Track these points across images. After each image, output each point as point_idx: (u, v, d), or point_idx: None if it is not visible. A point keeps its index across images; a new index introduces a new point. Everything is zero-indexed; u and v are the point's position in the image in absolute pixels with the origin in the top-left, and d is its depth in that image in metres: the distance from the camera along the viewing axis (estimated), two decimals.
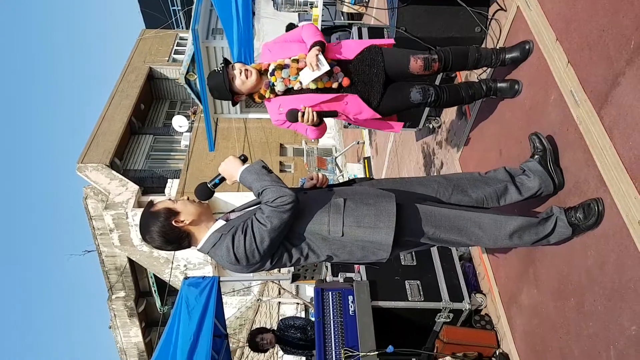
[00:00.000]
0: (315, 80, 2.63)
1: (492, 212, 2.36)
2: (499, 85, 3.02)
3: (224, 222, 2.13)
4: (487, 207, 2.49)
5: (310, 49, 2.62)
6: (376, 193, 2.21)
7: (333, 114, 2.70)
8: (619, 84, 2.10)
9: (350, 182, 2.50)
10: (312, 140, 11.94)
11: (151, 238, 2.08)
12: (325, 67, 2.58)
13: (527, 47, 2.87)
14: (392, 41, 2.99)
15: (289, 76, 2.67)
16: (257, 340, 4.89)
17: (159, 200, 2.17)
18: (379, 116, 2.83)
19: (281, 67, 2.69)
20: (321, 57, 2.58)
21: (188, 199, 2.17)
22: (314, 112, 2.60)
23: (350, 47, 2.81)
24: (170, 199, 2.17)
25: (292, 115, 2.63)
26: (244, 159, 2.21)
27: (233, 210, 2.27)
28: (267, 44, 2.90)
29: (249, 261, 2.04)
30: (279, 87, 2.69)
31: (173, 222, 2.06)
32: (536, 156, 2.52)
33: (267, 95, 2.75)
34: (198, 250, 2.13)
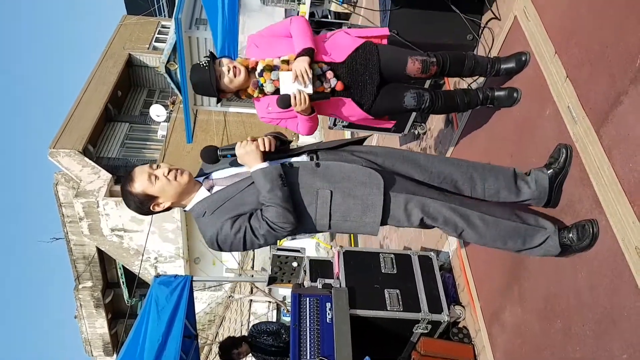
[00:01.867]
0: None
1: (483, 209, 2.24)
2: (496, 93, 2.89)
3: (208, 193, 2.10)
4: (483, 198, 2.37)
5: (298, 55, 2.45)
6: (366, 180, 2.12)
7: (325, 96, 2.52)
8: (621, 103, 2.03)
9: (342, 145, 2.29)
10: (293, 138, 11.82)
11: (131, 209, 2.12)
12: (309, 90, 2.44)
13: (523, 58, 2.79)
14: (386, 30, 2.81)
15: (278, 78, 2.52)
16: (232, 355, 4.76)
17: (138, 176, 2.04)
18: (370, 117, 2.74)
19: (270, 68, 2.53)
20: (309, 74, 2.42)
21: (169, 172, 2.05)
22: (307, 95, 2.41)
23: (342, 46, 2.65)
24: (149, 175, 2.03)
25: (284, 101, 2.43)
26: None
27: (212, 172, 2.20)
28: (253, 37, 2.72)
29: (231, 251, 2.09)
30: (268, 88, 2.55)
31: (150, 207, 2.09)
32: (551, 170, 2.36)
33: (255, 95, 2.61)
34: (186, 212, 2.15)
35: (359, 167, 2.14)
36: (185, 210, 2.15)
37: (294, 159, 2.17)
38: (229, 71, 2.50)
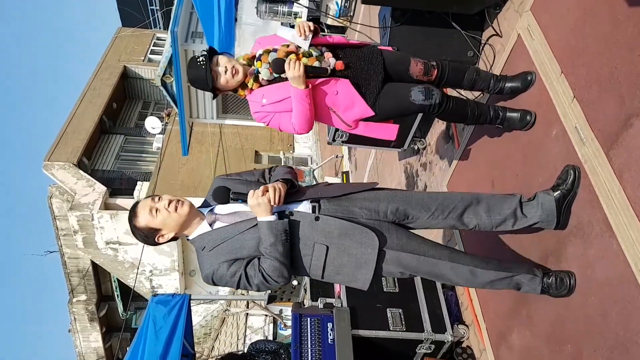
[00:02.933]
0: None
1: (470, 260, 2.31)
2: (508, 114, 2.76)
3: (209, 228, 2.15)
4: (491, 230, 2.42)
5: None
6: (362, 239, 2.16)
7: (323, 71, 2.43)
8: (632, 125, 2.00)
9: (344, 192, 2.27)
10: (291, 151, 11.79)
11: (140, 242, 2.22)
12: (306, 45, 2.48)
13: (529, 78, 2.74)
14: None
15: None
16: None
17: (141, 211, 2.12)
18: (371, 112, 2.57)
19: (268, 51, 2.48)
20: (311, 28, 2.48)
21: (170, 204, 2.10)
22: (301, 62, 2.35)
23: (343, 40, 2.67)
24: (151, 208, 2.10)
25: (277, 65, 2.38)
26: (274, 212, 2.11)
27: (213, 206, 2.23)
28: (260, 38, 2.72)
29: (226, 287, 2.20)
30: (264, 74, 2.47)
31: (155, 239, 2.17)
32: (558, 192, 2.33)
33: (250, 85, 2.53)
34: (189, 241, 2.20)
35: (357, 226, 2.17)
36: (188, 239, 2.19)
37: (295, 209, 2.19)
38: (225, 72, 2.46)
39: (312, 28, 2.51)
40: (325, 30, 8.41)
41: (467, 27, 3.43)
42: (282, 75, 2.46)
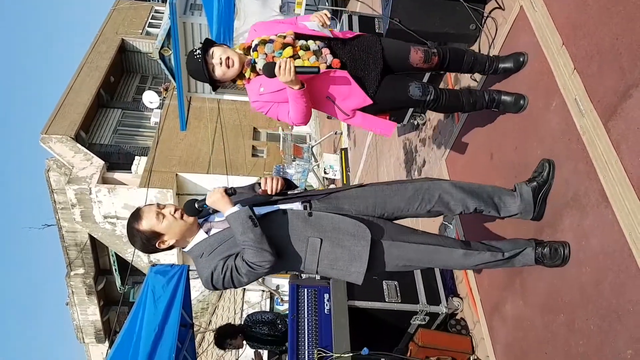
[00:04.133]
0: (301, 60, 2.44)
1: (463, 244, 2.37)
2: (502, 97, 2.83)
3: (205, 235, 2.18)
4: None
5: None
6: (355, 231, 2.20)
7: (314, 70, 2.39)
8: (631, 96, 2.01)
9: (332, 191, 2.36)
10: (290, 128, 11.77)
11: (135, 248, 2.22)
12: (327, 31, 2.55)
13: (521, 59, 2.81)
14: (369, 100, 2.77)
15: (273, 52, 2.45)
16: (225, 344, 4.77)
17: (146, 214, 2.14)
18: (369, 101, 2.59)
19: (265, 42, 2.47)
20: (329, 15, 2.56)
21: (175, 211, 2.14)
22: (292, 63, 2.31)
23: (345, 33, 2.69)
24: (157, 213, 2.12)
25: (269, 69, 2.34)
26: (231, 193, 2.14)
27: (214, 213, 2.25)
28: (256, 24, 2.71)
29: (225, 289, 2.27)
30: (260, 64, 2.45)
31: (156, 245, 2.16)
32: (534, 183, 2.46)
33: (247, 75, 2.52)
34: (185, 252, 2.24)
35: (348, 219, 2.22)
36: (184, 251, 2.22)
37: (288, 206, 2.24)
38: (220, 63, 2.45)
39: (329, 16, 2.57)
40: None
41: None
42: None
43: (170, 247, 2.21)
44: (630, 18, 2.04)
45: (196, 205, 2.13)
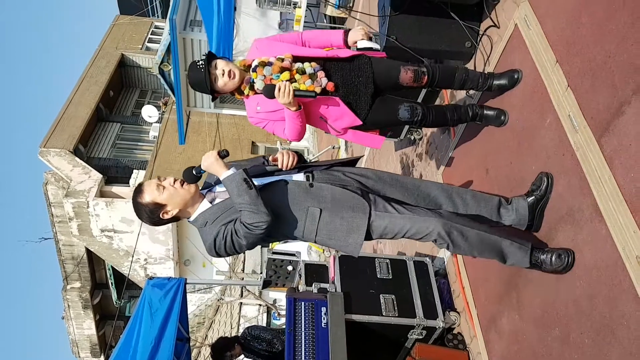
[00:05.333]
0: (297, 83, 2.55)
1: (461, 219, 2.40)
2: (485, 112, 3.01)
3: (209, 205, 2.26)
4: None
5: (345, 33, 2.73)
6: (353, 204, 2.29)
7: (310, 95, 2.52)
8: (624, 113, 2.05)
9: (336, 164, 2.49)
10: (288, 142, 11.81)
11: (143, 221, 2.29)
12: (377, 45, 2.77)
13: (515, 76, 2.88)
14: (383, 55, 2.92)
15: (271, 74, 2.56)
16: (225, 357, 4.73)
17: (147, 188, 2.22)
18: (359, 122, 2.74)
19: (264, 64, 2.59)
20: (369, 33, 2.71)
21: (175, 182, 2.22)
22: (291, 87, 2.45)
23: (339, 52, 2.75)
24: (157, 185, 2.21)
25: (268, 90, 2.47)
26: (224, 155, 2.22)
27: (217, 184, 2.35)
28: (258, 40, 2.82)
29: (230, 255, 2.28)
30: (258, 85, 2.59)
31: (160, 215, 2.23)
32: (532, 198, 2.51)
33: (246, 92, 2.64)
34: (190, 222, 2.30)
35: (348, 191, 2.32)
36: (189, 221, 2.28)
37: (290, 177, 2.33)
38: (223, 74, 2.56)
39: (367, 31, 2.78)
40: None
41: (465, 17, 3.45)
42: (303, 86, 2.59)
43: (177, 219, 2.28)
44: (622, 37, 2.09)
45: (194, 172, 2.23)
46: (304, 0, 7.66)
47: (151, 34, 17.51)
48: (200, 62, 2.55)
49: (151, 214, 2.22)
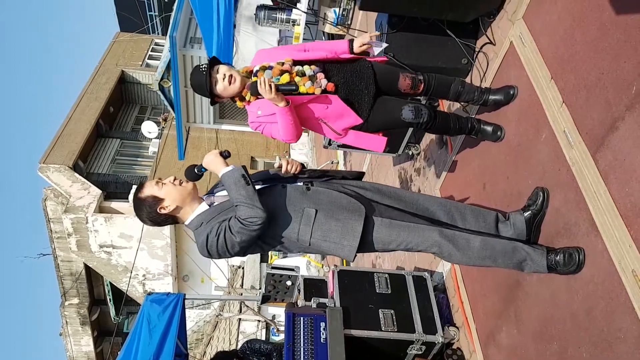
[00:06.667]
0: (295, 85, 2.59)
1: (467, 229, 2.42)
2: (482, 127, 3.05)
3: (207, 207, 2.28)
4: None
5: (350, 43, 2.73)
6: (349, 206, 2.29)
7: (291, 87, 2.55)
8: (617, 128, 2.08)
9: (333, 175, 2.50)
10: (285, 154, 11.82)
11: (142, 219, 2.30)
12: (384, 45, 2.88)
13: (511, 92, 2.92)
14: (385, 59, 2.99)
15: (272, 78, 2.58)
16: None
17: (147, 184, 2.28)
18: (360, 121, 2.74)
19: (265, 68, 2.63)
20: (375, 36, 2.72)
21: (175, 180, 2.27)
22: (271, 81, 2.49)
23: (340, 54, 2.80)
24: (157, 182, 2.27)
25: (253, 89, 2.54)
26: (226, 156, 2.28)
27: (216, 186, 2.39)
28: (262, 49, 2.88)
29: (222, 257, 2.25)
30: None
31: (158, 209, 2.24)
32: (528, 212, 2.53)
33: (247, 98, 2.67)
34: (186, 226, 2.31)
35: (345, 195, 2.34)
36: (185, 225, 2.30)
37: (289, 183, 2.36)
38: (223, 79, 2.59)
39: (373, 35, 2.75)
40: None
41: (461, 35, 3.51)
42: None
43: (175, 219, 2.29)
44: (615, 54, 2.13)
45: (196, 170, 2.30)
46: (302, 17, 7.73)
47: (151, 51, 17.65)
48: (203, 66, 2.61)
49: (149, 208, 2.24)
